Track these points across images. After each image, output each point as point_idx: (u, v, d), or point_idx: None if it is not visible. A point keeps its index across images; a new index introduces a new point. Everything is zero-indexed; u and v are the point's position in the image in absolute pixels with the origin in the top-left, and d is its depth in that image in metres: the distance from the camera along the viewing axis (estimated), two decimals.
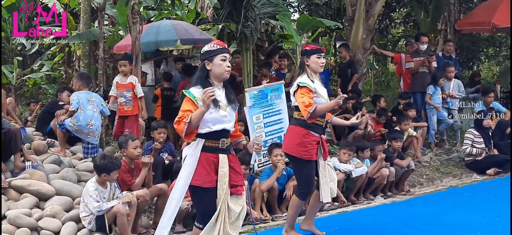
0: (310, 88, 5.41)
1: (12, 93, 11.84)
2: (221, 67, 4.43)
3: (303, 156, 5.48)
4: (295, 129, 5.57)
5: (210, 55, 4.44)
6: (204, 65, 4.47)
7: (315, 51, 5.56)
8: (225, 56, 4.46)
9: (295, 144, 5.51)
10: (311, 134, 5.47)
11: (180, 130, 4.29)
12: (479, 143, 9.61)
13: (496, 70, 20.31)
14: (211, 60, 4.44)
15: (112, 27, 12.88)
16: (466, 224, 6.27)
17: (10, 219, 5.65)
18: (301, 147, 5.47)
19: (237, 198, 4.55)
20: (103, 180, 5.83)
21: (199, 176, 4.40)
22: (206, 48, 4.49)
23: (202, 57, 4.51)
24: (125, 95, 8.21)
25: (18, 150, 6.80)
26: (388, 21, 17.81)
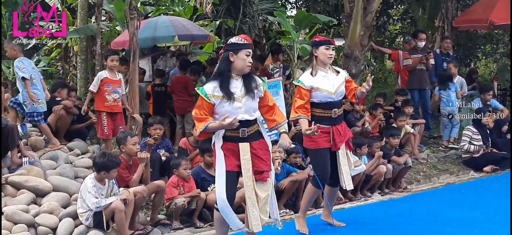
0: (303, 86, 5.51)
1: (8, 89, 11.80)
2: (245, 62, 4.59)
3: (311, 146, 5.64)
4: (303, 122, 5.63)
5: (236, 48, 4.58)
6: (228, 56, 4.58)
7: (324, 42, 5.64)
8: (249, 51, 4.62)
9: (303, 136, 5.61)
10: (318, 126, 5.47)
11: (199, 126, 4.56)
12: (477, 140, 9.62)
13: (493, 67, 20.33)
14: (236, 53, 4.58)
15: (109, 23, 12.86)
16: (463, 221, 6.27)
17: (7, 215, 5.66)
18: (308, 139, 5.58)
19: (262, 184, 4.68)
20: (101, 177, 5.82)
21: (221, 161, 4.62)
22: (234, 40, 4.64)
23: (228, 48, 4.61)
24: (118, 91, 8.16)
25: (15, 146, 6.80)
26: (385, 18, 17.82)
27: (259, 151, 4.69)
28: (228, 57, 4.58)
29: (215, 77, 4.64)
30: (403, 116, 9.50)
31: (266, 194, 4.66)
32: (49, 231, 5.70)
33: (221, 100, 4.54)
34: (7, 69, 12.34)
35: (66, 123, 8.37)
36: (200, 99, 4.59)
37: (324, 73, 5.61)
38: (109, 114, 8.11)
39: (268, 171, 4.73)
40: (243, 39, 4.63)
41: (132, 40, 8.32)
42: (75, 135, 8.59)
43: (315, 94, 5.53)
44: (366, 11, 11.09)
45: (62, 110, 8.21)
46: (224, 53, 4.64)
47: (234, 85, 4.59)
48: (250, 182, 4.60)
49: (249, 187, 4.60)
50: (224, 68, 4.61)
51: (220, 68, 4.65)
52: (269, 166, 4.77)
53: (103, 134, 8.14)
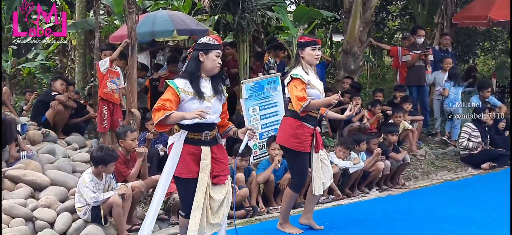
0: (303, 80, 5.38)
1: (6, 83, 11.78)
2: (214, 63, 4.51)
3: (296, 147, 5.47)
4: (288, 120, 5.55)
5: (207, 48, 4.49)
6: (197, 56, 4.50)
7: (310, 43, 5.52)
8: (219, 52, 4.54)
9: (289, 135, 5.50)
10: (305, 126, 5.45)
11: (156, 117, 4.31)
12: (476, 137, 9.63)
13: (491, 64, 20.34)
14: (206, 53, 4.48)
15: (107, 17, 12.81)
16: (461, 218, 6.28)
17: (5, 209, 5.64)
18: (294, 139, 5.45)
19: (220, 188, 4.60)
20: (99, 171, 5.81)
21: (180, 167, 4.48)
22: (204, 40, 4.52)
23: (197, 47, 4.53)
24: (116, 82, 8.22)
25: (13, 139, 6.80)
26: (384, 14, 17.80)
27: (219, 155, 4.64)
28: (197, 58, 4.49)
29: (184, 75, 4.51)
30: (400, 112, 9.49)
31: (223, 196, 4.57)
32: (47, 225, 5.68)
33: (192, 97, 4.42)
34: (5, 62, 12.33)
35: (64, 118, 8.37)
36: (168, 91, 4.41)
37: (313, 74, 5.54)
38: (108, 107, 8.15)
39: (227, 174, 4.68)
40: (214, 39, 4.54)
41: (131, 34, 8.30)
42: (73, 129, 8.58)
43: (309, 91, 5.41)
44: (365, 7, 11.11)
45: (59, 105, 8.20)
46: (193, 52, 4.54)
47: (203, 84, 4.50)
48: (204, 187, 4.48)
49: (200, 191, 4.47)
50: (194, 67, 4.49)
51: (189, 67, 4.52)
52: (228, 170, 4.73)
53: (101, 128, 8.16)
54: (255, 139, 7.68)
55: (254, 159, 7.83)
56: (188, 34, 10.79)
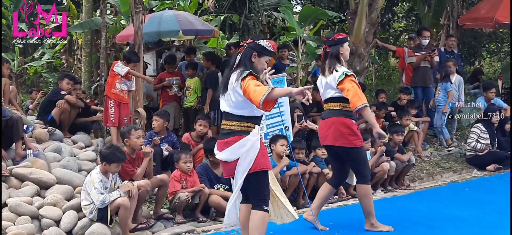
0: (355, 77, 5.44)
1: (13, 81, 11.84)
2: (263, 67, 4.58)
3: (357, 144, 5.54)
4: (342, 120, 5.51)
5: (262, 51, 4.55)
6: (251, 56, 4.53)
7: (347, 39, 5.67)
8: (269, 59, 4.64)
9: (347, 134, 5.50)
10: (354, 122, 5.53)
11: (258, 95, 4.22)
12: (485, 139, 9.61)
13: (497, 66, 20.29)
14: (260, 56, 4.55)
15: (114, 17, 12.87)
16: (466, 219, 6.27)
17: (11, 207, 5.67)
18: (354, 137, 5.51)
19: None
20: (105, 169, 5.83)
21: (263, 160, 4.55)
22: (263, 43, 4.57)
23: (253, 47, 4.56)
24: (127, 84, 8.24)
25: (20, 138, 6.82)
26: (390, 15, 17.77)
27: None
28: (250, 57, 4.53)
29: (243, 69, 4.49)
30: (408, 115, 9.48)
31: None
32: (53, 223, 5.70)
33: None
34: (11, 61, 12.39)
35: (70, 117, 8.40)
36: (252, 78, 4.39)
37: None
38: (115, 102, 8.19)
39: None
40: (271, 45, 4.61)
41: (137, 34, 8.34)
42: (79, 128, 8.61)
43: None
44: (371, 8, 11.07)
45: (65, 104, 8.23)
46: (246, 50, 4.57)
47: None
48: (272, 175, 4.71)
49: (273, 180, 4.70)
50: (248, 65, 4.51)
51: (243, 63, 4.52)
52: None
53: (109, 122, 8.19)
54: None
55: None
56: (194, 34, 10.83)
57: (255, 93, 4.24)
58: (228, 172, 4.71)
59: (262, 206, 4.58)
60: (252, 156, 4.47)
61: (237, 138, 4.50)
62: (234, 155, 4.51)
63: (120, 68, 8.21)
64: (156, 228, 6.10)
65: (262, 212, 4.58)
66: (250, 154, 4.47)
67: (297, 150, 7.42)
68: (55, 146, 7.34)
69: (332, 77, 5.49)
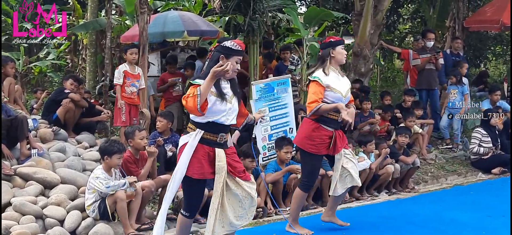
0: (321, 83, 5.37)
1: (18, 80, 11.86)
2: (233, 68, 4.45)
3: (310, 149, 5.50)
4: (307, 122, 5.57)
5: (229, 53, 4.45)
6: (218, 59, 4.44)
7: (341, 42, 5.59)
8: (240, 58, 4.53)
9: (304, 136, 5.54)
10: (323, 128, 5.46)
11: (192, 106, 4.22)
12: (487, 142, 9.58)
13: (503, 68, 20.23)
14: (227, 57, 4.43)
15: (119, 17, 12.88)
16: (471, 223, 6.24)
17: (16, 206, 5.68)
18: (309, 141, 5.48)
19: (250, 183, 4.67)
20: (107, 164, 5.84)
21: (192, 167, 4.44)
22: (228, 44, 4.47)
23: (219, 50, 4.48)
24: (136, 85, 8.29)
25: (24, 137, 6.83)
26: (395, 17, 17.75)
27: (234, 156, 4.68)
28: (217, 59, 4.42)
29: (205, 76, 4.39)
30: (413, 116, 9.46)
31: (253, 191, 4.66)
32: (57, 223, 5.71)
33: (216, 98, 4.39)
34: (16, 61, 12.40)
35: (75, 116, 8.40)
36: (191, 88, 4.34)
37: (336, 74, 5.53)
38: (127, 103, 8.29)
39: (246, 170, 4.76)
40: (239, 45, 4.49)
41: (142, 34, 8.35)
42: (84, 128, 8.62)
43: (328, 94, 5.40)
44: (377, 10, 11.08)
45: (70, 103, 8.24)
46: (214, 53, 4.50)
47: (223, 86, 4.48)
48: (220, 188, 4.51)
49: (217, 193, 4.51)
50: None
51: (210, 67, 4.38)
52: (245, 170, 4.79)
53: (120, 121, 8.22)
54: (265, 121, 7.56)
55: (262, 160, 7.82)
56: (199, 35, 10.84)
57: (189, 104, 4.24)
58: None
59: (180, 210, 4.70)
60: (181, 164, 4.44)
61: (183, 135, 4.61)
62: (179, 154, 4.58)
63: (118, 75, 8.31)
64: None
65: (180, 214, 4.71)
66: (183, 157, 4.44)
67: None
68: (59, 145, 7.35)
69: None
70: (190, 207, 4.63)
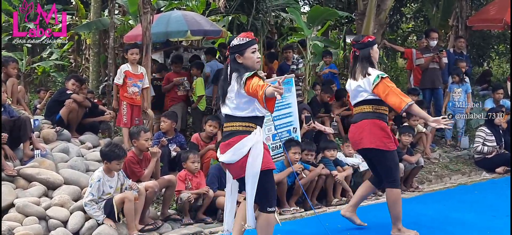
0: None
1: (21, 81, 11.87)
2: (253, 59, 4.45)
3: (391, 146, 5.47)
4: (375, 122, 5.44)
5: (241, 49, 4.44)
6: (235, 59, 4.45)
7: (376, 41, 5.60)
8: (255, 47, 4.48)
9: (381, 137, 5.42)
10: (386, 124, 5.49)
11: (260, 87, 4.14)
12: (491, 142, 9.55)
13: (506, 67, 20.17)
14: (242, 54, 4.43)
15: (122, 17, 12.88)
16: (475, 223, 6.22)
17: (19, 208, 5.66)
18: (387, 139, 5.44)
19: None
20: (107, 167, 5.83)
21: (268, 160, 4.49)
22: (235, 42, 4.47)
23: (232, 51, 4.48)
24: (138, 85, 8.22)
25: (27, 138, 6.81)
26: (398, 16, 17.71)
27: None
28: (235, 60, 4.44)
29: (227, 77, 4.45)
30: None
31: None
32: (60, 224, 5.69)
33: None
34: (20, 61, 12.42)
35: (78, 116, 8.40)
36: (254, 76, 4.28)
37: None
38: (129, 104, 8.20)
39: None
40: (246, 37, 4.47)
41: (145, 34, 8.34)
42: (87, 128, 8.61)
43: None
44: (380, 9, 11.03)
45: (73, 104, 8.23)
46: (230, 57, 4.50)
47: None
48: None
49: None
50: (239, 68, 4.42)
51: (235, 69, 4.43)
52: None
53: (121, 123, 8.18)
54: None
55: None
56: (202, 34, 10.82)
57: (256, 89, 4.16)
58: (235, 173, 4.59)
59: (266, 208, 4.54)
60: (259, 161, 4.39)
61: (238, 138, 4.43)
62: (236, 156, 4.44)
63: (119, 75, 8.26)
64: (163, 229, 6.07)
65: (266, 214, 4.54)
66: (257, 160, 4.39)
67: (307, 152, 7.40)
68: (62, 146, 7.34)
69: (366, 81, 5.40)
70: (274, 199, 4.61)
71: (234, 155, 4.45)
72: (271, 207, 4.54)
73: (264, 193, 4.53)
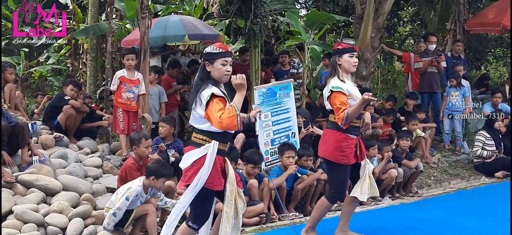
0: (344, 92, 5.22)
1: (18, 85, 11.81)
2: (221, 71, 4.40)
3: (341, 161, 5.33)
4: (332, 133, 5.37)
5: (212, 58, 4.42)
6: (204, 66, 4.46)
7: (348, 50, 5.37)
8: (226, 60, 4.42)
9: (333, 149, 5.33)
10: (349, 137, 5.32)
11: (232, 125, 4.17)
12: (490, 146, 9.55)
13: (503, 70, 20.21)
14: (212, 63, 4.41)
15: (119, 21, 12.84)
16: (476, 229, 6.19)
17: (17, 215, 5.62)
18: (339, 152, 5.31)
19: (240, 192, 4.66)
20: (150, 183, 5.78)
21: (211, 178, 4.39)
22: (209, 49, 4.46)
23: (204, 57, 4.50)
24: (133, 91, 8.13)
25: (26, 144, 6.78)
26: (395, 20, 17.72)
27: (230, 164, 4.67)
28: (204, 67, 4.44)
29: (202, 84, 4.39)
30: (415, 120, 9.42)
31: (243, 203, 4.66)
32: (59, 231, 5.66)
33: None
34: (17, 65, 12.37)
35: (76, 122, 8.36)
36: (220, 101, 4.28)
37: (349, 81, 5.39)
38: (124, 110, 8.10)
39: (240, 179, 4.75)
40: (219, 47, 4.43)
41: (143, 39, 8.30)
42: (85, 133, 8.57)
43: (351, 102, 5.23)
44: (378, 13, 11.03)
45: (71, 109, 8.19)
46: (202, 63, 4.52)
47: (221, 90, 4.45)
48: (233, 197, 4.49)
49: (230, 202, 4.47)
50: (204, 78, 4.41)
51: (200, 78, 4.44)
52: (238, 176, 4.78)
53: (118, 129, 8.12)
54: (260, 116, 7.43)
55: (266, 165, 7.79)
56: (200, 39, 10.80)
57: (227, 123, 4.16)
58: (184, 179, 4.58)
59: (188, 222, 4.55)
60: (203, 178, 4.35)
61: (189, 148, 4.48)
62: (183, 164, 4.48)
63: (114, 81, 8.19)
64: None
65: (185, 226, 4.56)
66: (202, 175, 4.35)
67: (305, 158, 7.38)
68: (61, 152, 7.30)
69: (326, 89, 5.41)
70: (201, 219, 4.53)
71: (182, 163, 4.49)
72: (193, 224, 4.53)
73: (194, 208, 4.55)
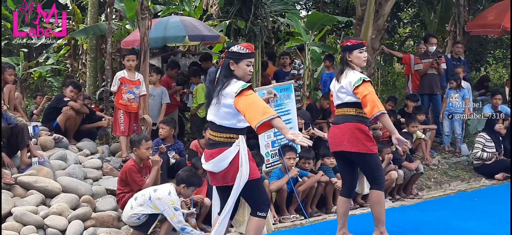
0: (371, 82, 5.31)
1: (17, 86, 11.77)
2: (245, 71, 4.49)
3: (373, 149, 5.41)
4: (357, 126, 5.37)
5: (237, 57, 4.46)
6: (228, 65, 4.48)
7: (358, 46, 5.44)
8: (250, 61, 4.50)
9: (364, 140, 5.37)
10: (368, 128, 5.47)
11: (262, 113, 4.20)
12: (490, 148, 9.54)
13: (503, 72, 20.21)
14: (237, 62, 4.46)
15: (118, 22, 12.81)
16: (477, 231, 6.19)
17: (17, 216, 5.61)
18: (370, 142, 5.39)
19: None
20: (179, 190, 5.80)
21: (252, 170, 4.50)
22: (235, 49, 4.49)
23: (228, 56, 4.50)
24: (134, 92, 8.07)
25: (25, 145, 6.75)
26: (395, 21, 17.70)
27: None
28: (228, 66, 4.48)
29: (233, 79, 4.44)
30: (415, 122, 9.40)
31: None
32: (58, 232, 5.65)
33: None
34: (16, 65, 12.33)
35: (76, 123, 8.34)
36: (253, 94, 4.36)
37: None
38: (125, 112, 8.02)
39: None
40: (246, 48, 4.49)
41: (143, 40, 8.27)
42: (84, 134, 8.55)
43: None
44: (378, 15, 11.00)
45: (71, 111, 8.17)
46: (224, 60, 4.54)
47: None
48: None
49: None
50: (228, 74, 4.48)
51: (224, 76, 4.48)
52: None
53: (118, 131, 8.06)
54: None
55: (266, 167, 7.76)
56: (200, 40, 10.77)
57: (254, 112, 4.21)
58: (215, 181, 4.66)
59: (256, 212, 4.56)
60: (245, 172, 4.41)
61: (219, 150, 4.47)
62: (217, 167, 4.49)
63: (115, 81, 8.09)
64: None
65: (256, 218, 4.55)
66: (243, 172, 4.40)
67: (304, 160, 7.36)
68: (60, 153, 7.28)
69: (348, 82, 5.36)
70: (265, 204, 4.60)
71: (215, 166, 4.50)
72: (261, 212, 4.56)
73: (253, 200, 4.59)
